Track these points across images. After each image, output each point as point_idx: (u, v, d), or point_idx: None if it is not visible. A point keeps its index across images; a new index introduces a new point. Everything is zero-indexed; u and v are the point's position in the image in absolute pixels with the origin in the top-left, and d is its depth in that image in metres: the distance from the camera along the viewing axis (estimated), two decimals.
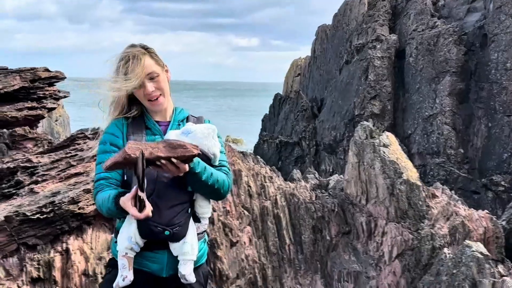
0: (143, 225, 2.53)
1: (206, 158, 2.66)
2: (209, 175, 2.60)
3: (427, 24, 16.97)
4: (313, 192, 8.63)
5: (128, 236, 2.58)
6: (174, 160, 2.39)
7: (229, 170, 2.79)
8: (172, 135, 2.65)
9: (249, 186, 8.15)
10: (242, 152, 10.24)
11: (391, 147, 8.08)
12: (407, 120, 16.24)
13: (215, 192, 2.67)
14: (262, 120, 29.91)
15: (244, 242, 7.42)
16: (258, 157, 10.64)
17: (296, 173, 12.02)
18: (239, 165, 8.34)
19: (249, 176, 8.31)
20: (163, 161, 2.39)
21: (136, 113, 2.79)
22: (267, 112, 29.58)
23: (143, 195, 2.33)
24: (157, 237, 2.58)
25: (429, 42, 16.21)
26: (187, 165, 2.47)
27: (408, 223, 7.45)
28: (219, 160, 2.75)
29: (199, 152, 2.48)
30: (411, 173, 7.78)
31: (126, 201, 2.38)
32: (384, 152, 7.86)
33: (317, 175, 11.67)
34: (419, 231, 7.36)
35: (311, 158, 19.59)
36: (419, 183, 7.63)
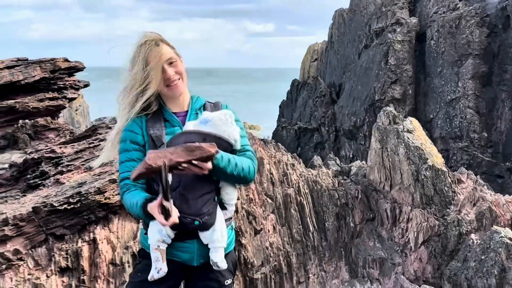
0: None
1: (228, 144, 2.64)
2: (234, 166, 2.58)
3: (448, 6, 16.63)
4: (336, 178, 8.57)
5: (159, 229, 2.59)
6: (195, 162, 2.40)
7: (253, 153, 2.77)
8: (190, 126, 2.64)
9: (272, 173, 8.11)
10: (263, 140, 10.21)
11: (415, 132, 7.97)
12: (429, 104, 16.00)
13: (241, 180, 2.66)
14: (280, 107, 29.78)
15: (268, 230, 7.40)
16: (279, 144, 10.59)
17: (317, 160, 11.96)
18: (260, 152, 8.30)
19: (271, 163, 8.27)
20: (184, 165, 2.39)
21: (156, 108, 2.76)
22: (285, 98, 29.43)
23: (168, 204, 2.33)
24: (187, 228, 2.57)
25: (450, 25, 15.89)
26: (209, 163, 2.46)
27: (434, 209, 7.36)
28: (241, 145, 2.72)
29: (217, 150, 2.48)
30: (436, 158, 7.67)
31: (153, 208, 2.39)
32: (408, 138, 7.75)
33: (338, 162, 11.61)
34: (445, 217, 7.27)
35: (330, 144, 19.46)
36: (444, 168, 7.52)
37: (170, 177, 2.33)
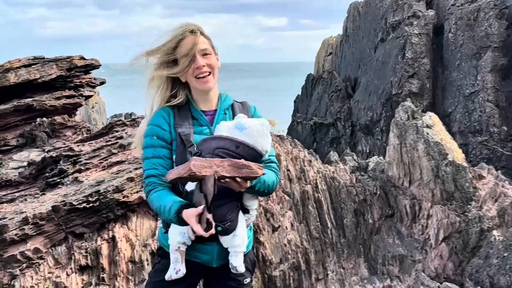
0: None
1: (258, 155, 2.60)
2: (262, 183, 2.57)
3: None
4: (353, 174, 8.49)
5: (181, 232, 2.57)
6: (238, 179, 2.38)
7: (277, 166, 2.75)
8: (224, 128, 2.58)
9: (289, 170, 8.06)
10: (279, 136, 10.14)
11: (435, 127, 7.86)
12: (447, 98, 15.79)
13: (263, 194, 2.67)
14: (294, 101, 29.65)
15: (286, 227, 7.35)
16: (296, 140, 10.52)
17: (333, 155, 11.85)
18: (277, 149, 8.25)
19: (288, 160, 8.22)
20: (227, 180, 2.38)
21: (182, 100, 2.70)
22: (299, 93, 29.30)
23: (210, 216, 2.32)
24: None
25: (469, 17, 15.64)
26: (248, 182, 2.45)
27: (454, 206, 7.25)
28: (268, 155, 2.70)
29: (264, 173, 2.46)
30: (457, 154, 7.56)
31: (190, 217, 2.37)
32: (427, 133, 7.64)
33: (355, 157, 11.50)
34: (466, 213, 7.16)
35: (347, 139, 19.33)
36: (465, 164, 7.41)
37: (212, 189, 2.30)
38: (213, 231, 2.35)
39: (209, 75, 2.65)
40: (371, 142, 17.63)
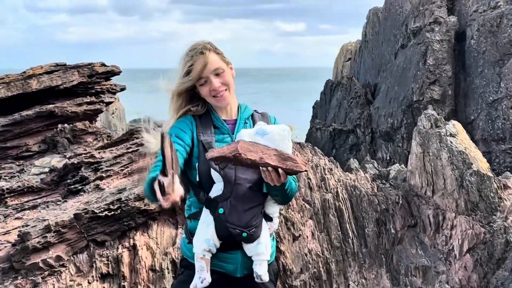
0: (221, 228, 2.51)
1: None
2: (289, 184, 2.55)
3: (488, 5, 16.15)
4: (374, 183, 8.38)
5: (206, 239, 2.55)
6: (281, 171, 2.31)
7: None
8: (245, 135, 2.57)
9: (309, 178, 7.99)
10: (299, 143, 10.08)
11: (459, 136, 7.73)
12: (470, 105, 15.56)
13: (284, 198, 2.64)
14: (313, 107, 29.55)
15: (307, 236, 7.28)
16: (316, 148, 10.45)
17: (353, 162, 11.74)
18: (297, 157, 8.19)
19: (308, 168, 8.15)
20: (269, 168, 2.31)
21: (202, 110, 2.72)
22: (318, 99, 29.20)
23: (164, 180, 2.04)
24: (234, 239, 2.55)
25: (491, 23, 15.42)
26: (287, 176, 2.40)
27: (479, 216, 7.11)
28: None
29: (307, 169, 2.42)
30: (481, 163, 7.42)
31: (155, 184, 2.12)
32: (451, 142, 7.52)
33: (376, 165, 11.38)
34: (491, 224, 7.01)
35: (366, 146, 19.17)
36: (490, 174, 7.27)
37: (168, 150, 2.06)
38: (175, 198, 2.09)
39: (225, 91, 2.68)
40: (392, 149, 17.45)
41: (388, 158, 17.32)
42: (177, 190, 2.10)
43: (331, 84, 27.54)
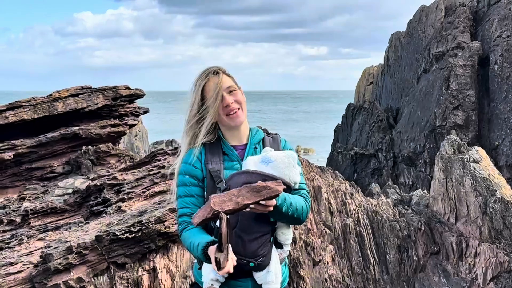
0: None
1: (285, 186, 2.60)
2: (289, 205, 2.55)
3: None
4: (396, 208, 8.29)
5: (214, 269, 2.58)
6: (262, 202, 2.36)
7: (307, 192, 2.75)
8: (251, 163, 2.61)
9: (330, 203, 7.94)
10: (320, 167, 10.06)
11: (482, 162, 7.61)
12: (494, 131, 15.36)
13: (294, 220, 2.63)
14: (334, 131, 29.51)
15: (327, 262, 7.21)
16: (337, 172, 10.41)
17: (375, 187, 11.65)
18: (317, 181, 8.16)
19: (329, 192, 8.11)
20: (252, 206, 2.36)
21: (213, 139, 2.75)
22: (339, 123, 29.15)
23: (220, 255, 2.30)
24: (242, 268, 2.56)
25: None
26: (274, 200, 2.43)
27: (503, 244, 6.96)
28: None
29: (284, 187, 2.44)
30: (505, 190, 7.28)
31: (211, 254, 2.38)
32: (474, 168, 7.41)
33: (398, 190, 11.27)
34: None
35: (388, 171, 19.00)
36: None
37: (224, 228, 2.28)
38: (229, 269, 2.31)
39: (238, 109, 2.70)
40: (414, 174, 17.26)
41: (410, 183, 17.12)
42: (231, 260, 2.31)
43: (352, 108, 27.50)
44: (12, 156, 9.13)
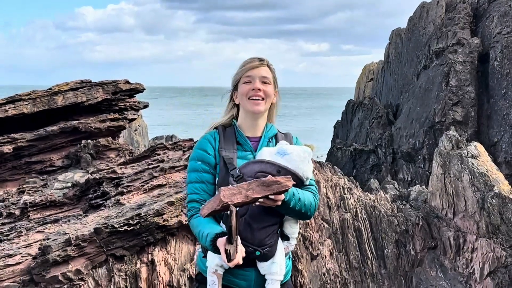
0: None
1: (299, 181, 2.62)
2: (297, 200, 2.58)
3: None
4: (394, 203, 8.31)
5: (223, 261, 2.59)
6: (271, 196, 2.40)
7: (316, 189, 2.78)
8: (266, 153, 2.63)
9: (328, 197, 7.97)
10: (319, 162, 10.07)
11: (480, 158, 7.64)
12: (493, 127, 15.37)
13: (301, 215, 2.67)
14: (334, 127, 29.53)
15: (325, 256, 7.24)
16: (336, 167, 10.41)
17: (374, 183, 11.66)
18: (316, 176, 8.18)
19: (328, 187, 8.13)
20: (261, 200, 2.40)
21: (228, 119, 2.81)
22: (339, 119, 29.17)
23: (230, 247, 2.34)
24: (247, 256, 2.57)
25: None
26: (282, 194, 2.47)
27: (500, 239, 6.99)
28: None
29: (293, 183, 2.45)
30: (503, 186, 7.31)
31: (220, 246, 2.42)
32: (472, 164, 7.43)
33: (396, 185, 11.27)
34: None
35: (387, 167, 19.02)
36: None
37: (234, 220, 2.31)
38: (239, 261, 2.37)
39: (262, 100, 2.71)
40: (413, 170, 17.28)
41: (409, 179, 17.15)
42: (240, 252, 2.38)
43: (352, 104, 27.51)
44: (11, 150, 9.14)
